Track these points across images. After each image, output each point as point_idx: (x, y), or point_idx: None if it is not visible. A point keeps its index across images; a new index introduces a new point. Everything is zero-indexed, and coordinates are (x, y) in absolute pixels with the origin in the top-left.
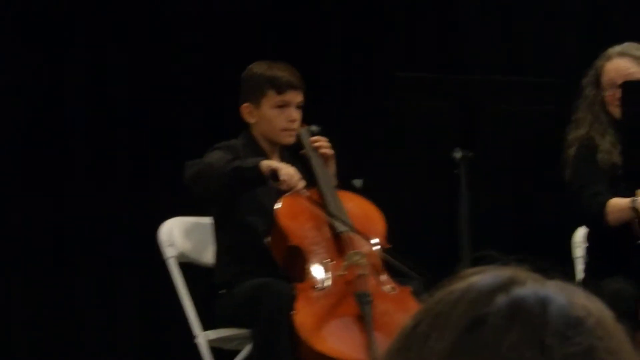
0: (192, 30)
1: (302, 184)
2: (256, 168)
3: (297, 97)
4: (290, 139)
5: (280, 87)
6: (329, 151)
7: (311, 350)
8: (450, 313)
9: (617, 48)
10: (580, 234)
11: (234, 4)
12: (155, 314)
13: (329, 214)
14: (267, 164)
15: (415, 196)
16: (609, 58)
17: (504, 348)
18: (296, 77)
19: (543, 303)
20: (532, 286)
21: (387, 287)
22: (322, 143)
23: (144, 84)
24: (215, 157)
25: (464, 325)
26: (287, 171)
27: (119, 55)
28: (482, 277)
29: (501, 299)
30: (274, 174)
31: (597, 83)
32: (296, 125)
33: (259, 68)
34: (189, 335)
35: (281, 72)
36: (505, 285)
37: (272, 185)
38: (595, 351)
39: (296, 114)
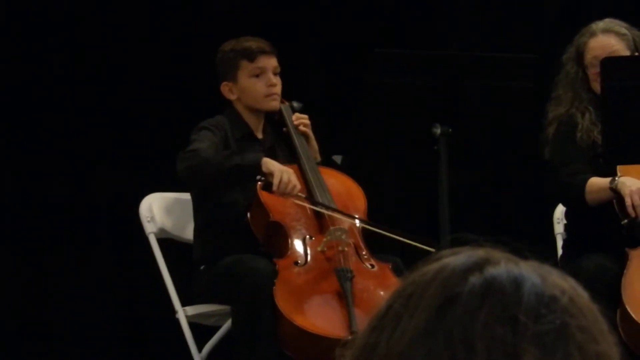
0: (170, 12)
1: (297, 188)
2: (258, 167)
3: (271, 62)
4: (274, 103)
5: (252, 55)
6: (308, 130)
7: (291, 325)
8: (423, 293)
9: (600, 24)
10: (560, 210)
11: None
12: (135, 289)
13: (316, 203)
14: (265, 165)
15: (395, 172)
16: (593, 34)
17: (477, 326)
18: (266, 44)
19: (516, 282)
20: (506, 266)
21: (368, 264)
22: (303, 121)
23: (123, 62)
24: (206, 143)
25: (437, 305)
26: (282, 178)
27: (100, 34)
28: (456, 257)
29: (474, 279)
30: (268, 181)
31: (579, 60)
32: (277, 89)
33: (228, 45)
34: (169, 311)
35: (249, 42)
36: (479, 265)
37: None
38: (567, 328)
39: (275, 79)
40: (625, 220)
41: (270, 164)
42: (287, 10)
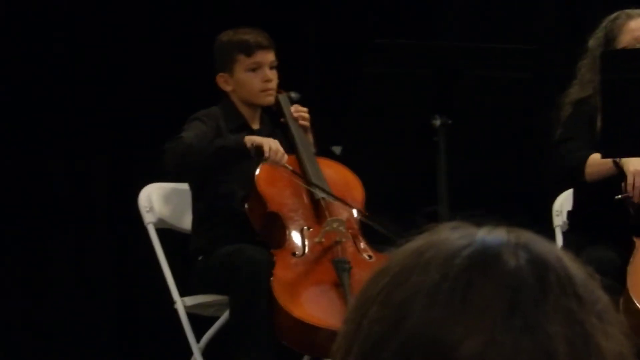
0: (168, 6)
1: (285, 157)
2: (240, 146)
3: (268, 57)
4: (269, 99)
5: (249, 50)
6: (305, 123)
7: (289, 316)
8: (473, 286)
9: (635, 10)
10: (559, 203)
11: None
12: (134, 279)
13: (310, 183)
14: (250, 140)
15: (394, 163)
16: (631, 17)
17: (548, 313)
18: (264, 37)
19: (558, 256)
20: (536, 241)
21: (365, 254)
22: (301, 114)
23: (122, 53)
24: (194, 132)
25: (506, 301)
26: (271, 146)
27: (100, 26)
28: (490, 235)
29: (523, 261)
30: (258, 149)
31: (609, 45)
32: (273, 84)
33: (226, 36)
34: (168, 301)
35: (247, 35)
36: (517, 245)
37: (256, 160)
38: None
39: (271, 74)
40: (619, 196)
41: (253, 138)
42: (285, 1)
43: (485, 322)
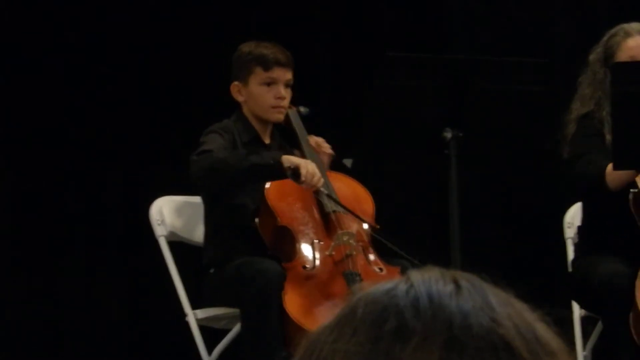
0: (179, 17)
1: (322, 181)
2: (277, 164)
3: (285, 75)
4: (279, 116)
5: (267, 64)
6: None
7: (300, 329)
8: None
9: (634, 25)
10: (570, 215)
11: None
12: (145, 292)
13: (342, 205)
14: (288, 160)
15: (405, 176)
16: (629, 34)
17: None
18: (284, 55)
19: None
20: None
21: (376, 267)
22: (323, 149)
23: (133, 65)
24: (217, 144)
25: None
26: (308, 169)
27: (113, 32)
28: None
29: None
30: (295, 171)
31: (608, 61)
32: (285, 102)
33: (247, 47)
34: (179, 314)
35: (268, 49)
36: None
37: (293, 181)
38: None
39: (284, 92)
40: (636, 189)
41: (292, 159)
42: (295, 14)
43: None
